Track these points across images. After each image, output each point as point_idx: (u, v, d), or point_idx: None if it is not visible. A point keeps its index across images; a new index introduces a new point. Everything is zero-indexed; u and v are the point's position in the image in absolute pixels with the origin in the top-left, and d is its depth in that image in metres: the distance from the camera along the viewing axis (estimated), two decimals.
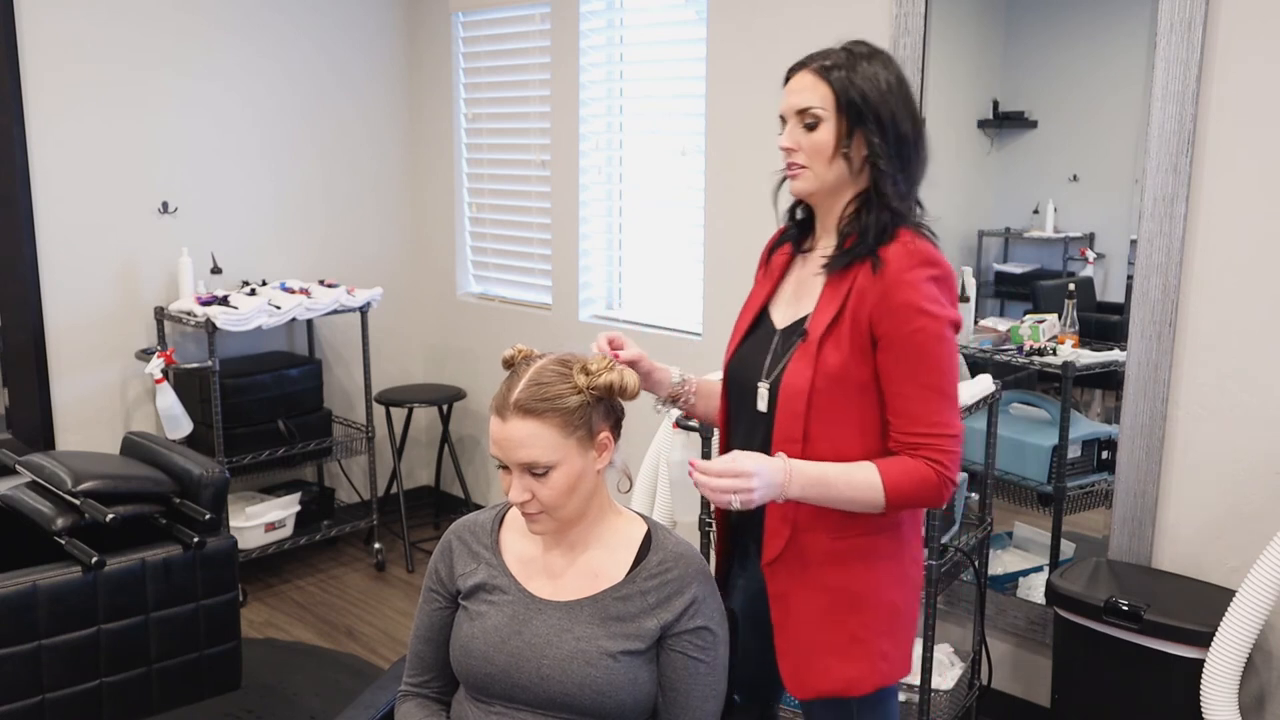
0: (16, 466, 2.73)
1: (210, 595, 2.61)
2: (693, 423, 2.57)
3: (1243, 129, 2.33)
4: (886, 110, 1.60)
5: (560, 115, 3.82)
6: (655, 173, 3.68)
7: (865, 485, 1.55)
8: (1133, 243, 2.53)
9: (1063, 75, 2.77)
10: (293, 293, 3.76)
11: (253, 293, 3.73)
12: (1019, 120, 2.84)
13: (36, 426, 3.56)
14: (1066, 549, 2.85)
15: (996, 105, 2.88)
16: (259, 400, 3.74)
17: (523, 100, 4.03)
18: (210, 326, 3.47)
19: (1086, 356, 2.74)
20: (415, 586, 3.85)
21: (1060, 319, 2.78)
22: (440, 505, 4.55)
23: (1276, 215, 2.31)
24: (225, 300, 3.61)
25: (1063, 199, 2.82)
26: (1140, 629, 2.28)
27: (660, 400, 1.80)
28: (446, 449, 4.28)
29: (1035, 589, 2.86)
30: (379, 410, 4.17)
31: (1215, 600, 2.28)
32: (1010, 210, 2.91)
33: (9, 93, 3.35)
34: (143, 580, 2.49)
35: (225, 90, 3.83)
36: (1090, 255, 2.79)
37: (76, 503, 2.48)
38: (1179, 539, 2.53)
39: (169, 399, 3.50)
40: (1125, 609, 2.29)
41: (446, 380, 4.45)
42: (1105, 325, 2.73)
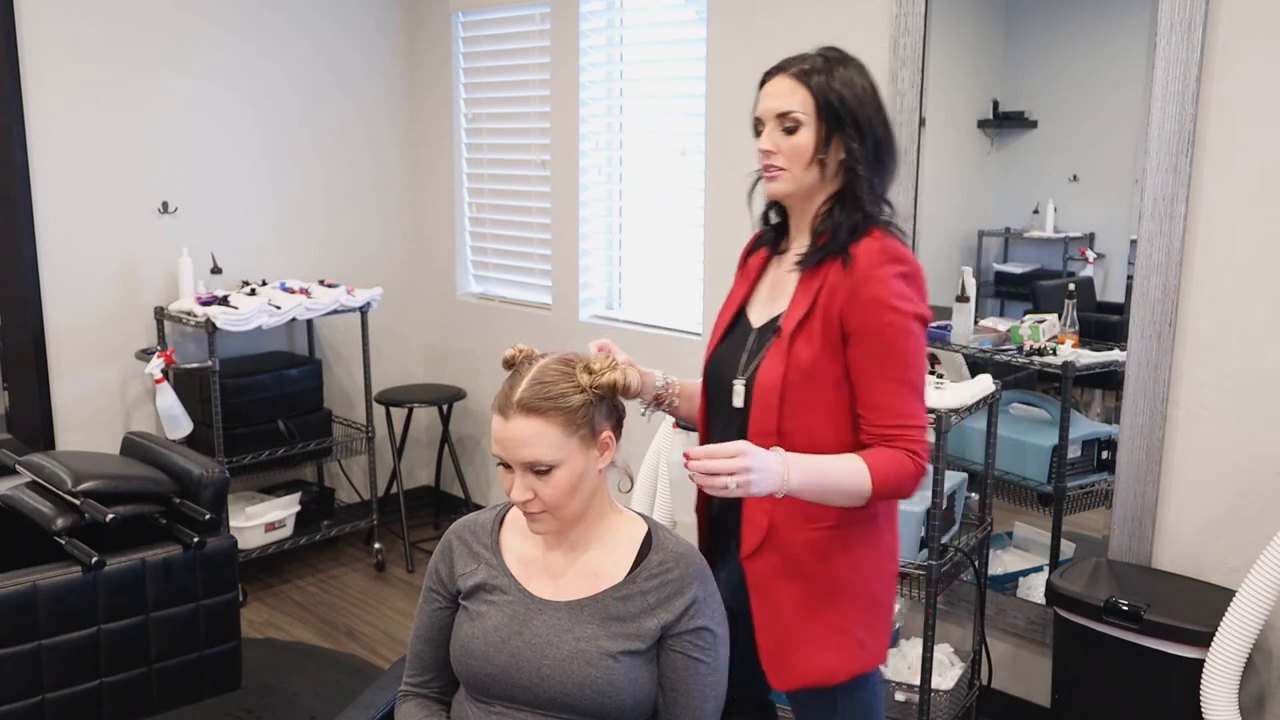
0: (16, 466, 2.73)
1: (210, 595, 2.61)
2: None
3: (1243, 129, 2.33)
4: (864, 115, 1.66)
5: (560, 115, 3.82)
6: (655, 173, 3.68)
7: (856, 475, 1.58)
8: (1133, 243, 2.53)
9: (1063, 75, 2.77)
10: (293, 293, 3.76)
11: (253, 293, 3.73)
12: (1019, 120, 2.84)
13: (36, 426, 3.56)
14: (1066, 549, 2.85)
15: (996, 105, 2.88)
16: (259, 400, 3.74)
17: (523, 100, 4.03)
18: (210, 326, 3.47)
19: (1086, 356, 2.74)
20: (415, 586, 3.85)
21: (1060, 319, 2.77)
22: (440, 505, 4.55)
23: (1276, 215, 2.31)
24: (225, 300, 3.61)
25: (1063, 199, 2.82)
26: (1140, 629, 2.28)
27: (645, 404, 1.83)
28: (446, 449, 4.28)
29: (1035, 589, 2.86)
30: (379, 410, 4.17)
31: (1215, 600, 2.28)
32: (1010, 210, 2.91)
33: (9, 93, 3.35)
34: (143, 580, 2.49)
35: (225, 90, 3.83)
36: (1090, 255, 2.79)
37: (76, 503, 2.48)
38: (1179, 539, 2.53)
39: (169, 399, 3.50)
40: (1125, 609, 2.29)
41: (446, 380, 4.45)
42: (1105, 325, 2.73)
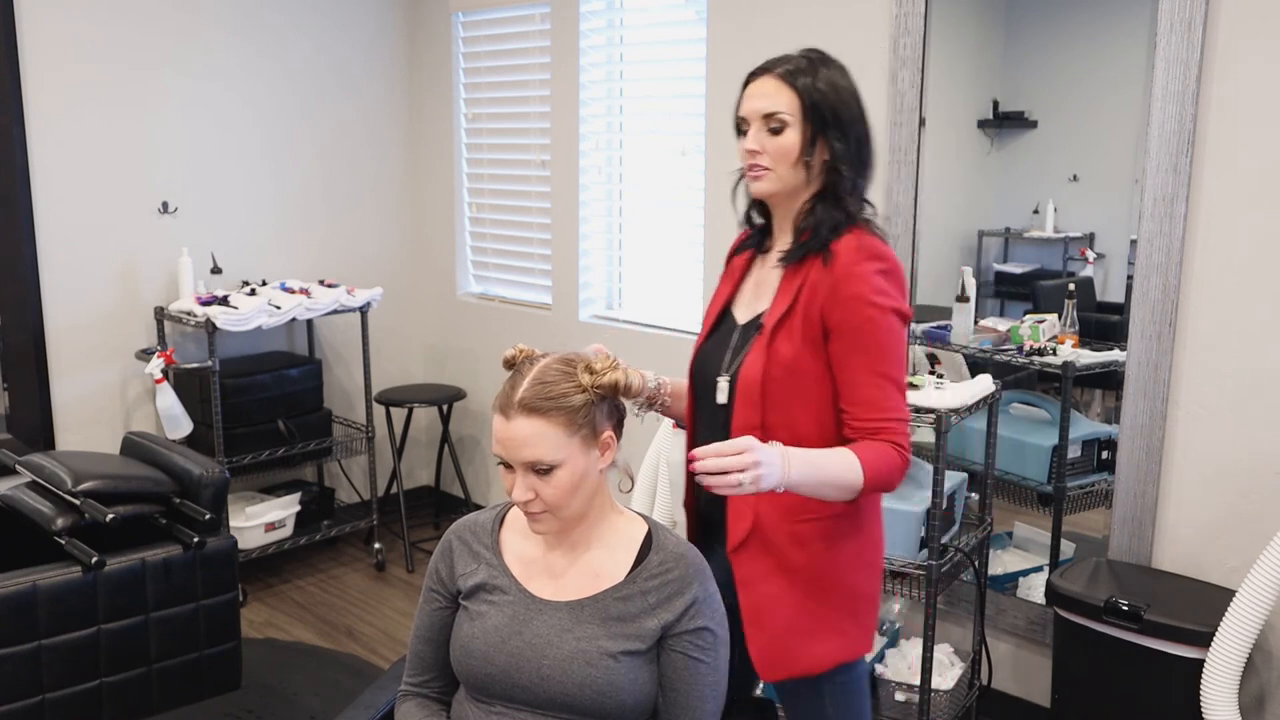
0: (16, 466, 2.73)
1: (210, 595, 2.61)
2: None
3: (1243, 129, 2.33)
4: (847, 115, 1.70)
5: (560, 115, 3.82)
6: (655, 173, 3.68)
7: (849, 468, 1.60)
8: (1133, 243, 2.53)
9: (1063, 75, 2.77)
10: (293, 293, 3.76)
11: (253, 293, 3.73)
12: (1019, 120, 2.84)
13: (36, 426, 3.56)
14: (1066, 549, 2.85)
15: (996, 105, 2.88)
16: (259, 400, 3.74)
17: (523, 100, 4.03)
18: (210, 326, 3.47)
19: (1086, 356, 2.74)
20: (415, 586, 3.85)
21: (1060, 319, 2.77)
22: (440, 505, 4.55)
23: (1276, 215, 2.31)
24: (225, 300, 3.61)
25: (1063, 199, 2.82)
26: (1140, 629, 2.28)
27: (638, 404, 1.83)
28: (446, 449, 4.28)
29: (1035, 589, 2.86)
30: (379, 410, 4.17)
31: (1215, 600, 2.28)
32: (1010, 210, 2.91)
33: (9, 93, 3.35)
34: (143, 580, 2.49)
35: (225, 90, 3.83)
36: (1090, 255, 2.79)
37: (76, 503, 2.48)
38: (1179, 539, 2.53)
39: (169, 399, 3.50)
40: (1125, 609, 2.30)
41: (446, 380, 4.45)
42: (1105, 325, 2.73)
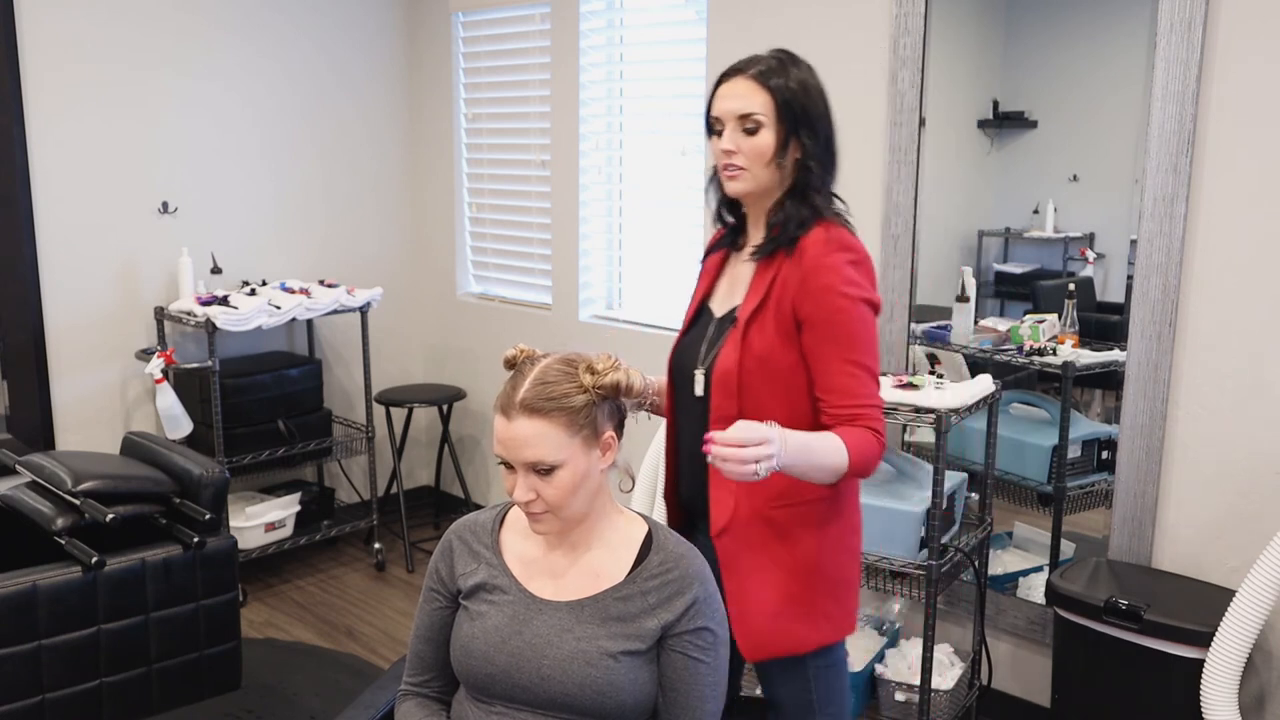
0: (16, 466, 2.73)
1: (210, 595, 2.61)
2: None
3: (1243, 129, 2.33)
4: (816, 113, 1.75)
5: (560, 115, 3.82)
6: (655, 173, 3.68)
7: (836, 452, 1.64)
8: (1133, 243, 2.53)
9: (1063, 75, 2.77)
10: (293, 293, 3.76)
11: (253, 293, 3.73)
12: (1019, 120, 2.84)
13: (36, 426, 3.56)
14: (1066, 549, 2.85)
15: (996, 105, 2.88)
16: (259, 400, 3.74)
17: (523, 100, 4.03)
18: (210, 326, 3.47)
19: (1086, 356, 2.74)
20: (415, 586, 3.85)
21: (1060, 319, 2.78)
22: (440, 505, 4.55)
23: (1276, 215, 2.31)
24: (225, 300, 3.61)
25: (1063, 199, 2.82)
26: (1140, 629, 2.28)
27: (631, 404, 1.84)
28: (446, 449, 4.28)
29: (1035, 589, 2.86)
30: (379, 410, 4.17)
31: (1215, 600, 2.28)
32: (1010, 210, 2.91)
33: (9, 93, 3.35)
34: (143, 580, 2.49)
35: (225, 90, 3.83)
36: (1090, 255, 2.79)
37: (76, 503, 2.48)
38: (1179, 539, 2.53)
39: (169, 399, 3.50)
40: (1125, 609, 2.30)
41: (446, 380, 4.45)
42: (1105, 325, 2.73)
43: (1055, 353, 2.76)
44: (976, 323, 2.91)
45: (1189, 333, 2.45)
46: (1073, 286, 2.78)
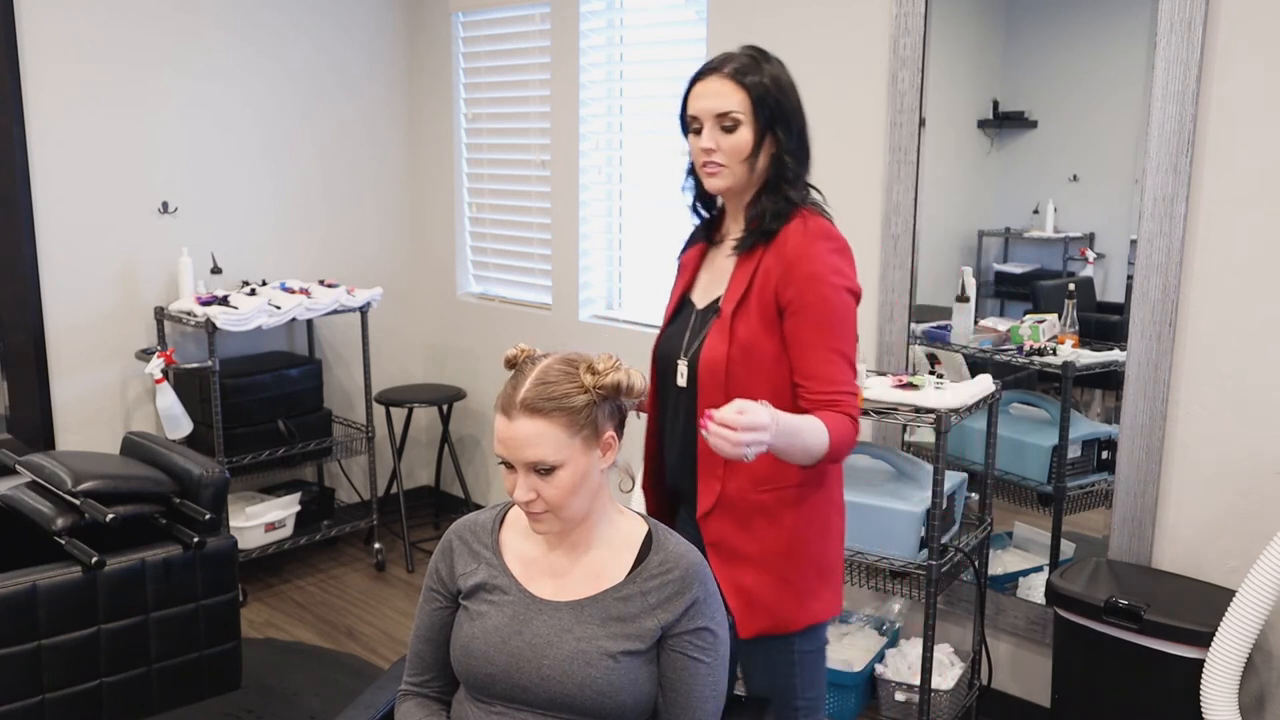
0: (16, 466, 2.73)
1: (210, 595, 2.61)
2: None
3: (1243, 129, 2.33)
4: (789, 108, 1.80)
5: (560, 115, 3.82)
6: (655, 173, 3.68)
7: (818, 434, 1.69)
8: (1133, 243, 2.53)
9: (1063, 75, 2.77)
10: (293, 293, 3.76)
11: (253, 293, 3.73)
12: (1019, 120, 2.84)
13: (36, 426, 3.56)
14: (1066, 549, 2.85)
15: (996, 105, 2.88)
16: (259, 400, 3.74)
17: (523, 100, 4.03)
18: (210, 326, 3.47)
19: (1086, 356, 2.74)
20: (415, 586, 3.85)
21: (1060, 319, 2.78)
22: (440, 505, 4.55)
23: (1276, 215, 2.31)
24: (225, 300, 3.61)
25: (1063, 199, 2.82)
26: (1140, 629, 2.28)
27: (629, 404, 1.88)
28: (446, 449, 4.28)
29: (1035, 589, 2.86)
30: (379, 410, 4.17)
31: (1215, 600, 2.28)
32: (1010, 210, 2.91)
33: (9, 93, 3.35)
34: (143, 580, 2.49)
35: (225, 90, 3.83)
36: (1090, 255, 2.79)
37: (76, 503, 2.48)
38: (1179, 539, 2.53)
39: (169, 399, 3.50)
40: (1125, 609, 2.30)
41: (446, 380, 4.45)
42: (1105, 325, 2.73)
43: (1055, 353, 2.76)
44: (976, 323, 2.91)
45: (1189, 333, 2.45)
46: (1073, 286, 2.78)
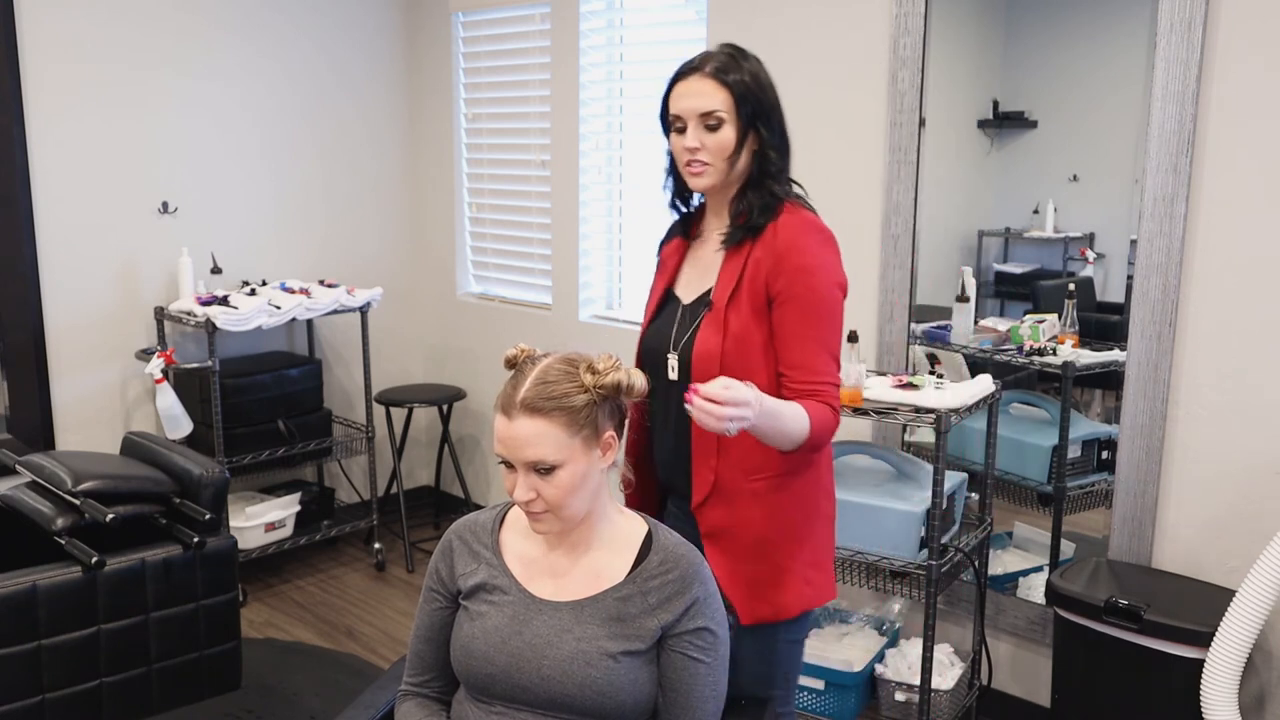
0: (16, 466, 2.73)
1: (210, 595, 2.61)
2: None
3: (1243, 129, 2.33)
4: (769, 104, 1.83)
5: (560, 115, 3.82)
6: (655, 173, 3.67)
7: (800, 420, 1.73)
8: (1133, 243, 2.53)
9: (1063, 75, 2.77)
10: (293, 293, 3.76)
11: (253, 293, 3.73)
12: (1019, 120, 2.84)
13: (36, 426, 3.56)
14: (1066, 549, 2.85)
15: (996, 105, 2.88)
16: (259, 400, 3.74)
17: (523, 100, 4.03)
18: (210, 326, 3.47)
19: (1086, 356, 2.74)
20: (415, 586, 3.85)
21: (1060, 319, 2.78)
22: (440, 505, 4.55)
23: (1276, 215, 2.31)
24: (225, 300, 3.61)
25: (1063, 199, 2.82)
26: (1140, 629, 2.28)
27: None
28: (446, 449, 4.28)
29: (1035, 589, 2.86)
30: (379, 410, 4.17)
31: (1215, 600, 2.28)
32: (1010, 210, 2.91)
33: (9, 93, 3.35)
34: (143, 580, 2.49)
35: (225, 90, 3.83)
36: (1090, 255, 2.79)
37: (76, 503, 2.48)
38: (1179, 539, 2.53)
39: (169, 399, 3.50)
40: (1125, 609, 2.30)
41: (446, 380, 4.45)
42: (1105, 325, 2.73)
43: (1055, 353, 2.76)
44: (976, 323, 2.91)
45: (1189, 333, 2.45)
46: (1073, 286, 2.78)
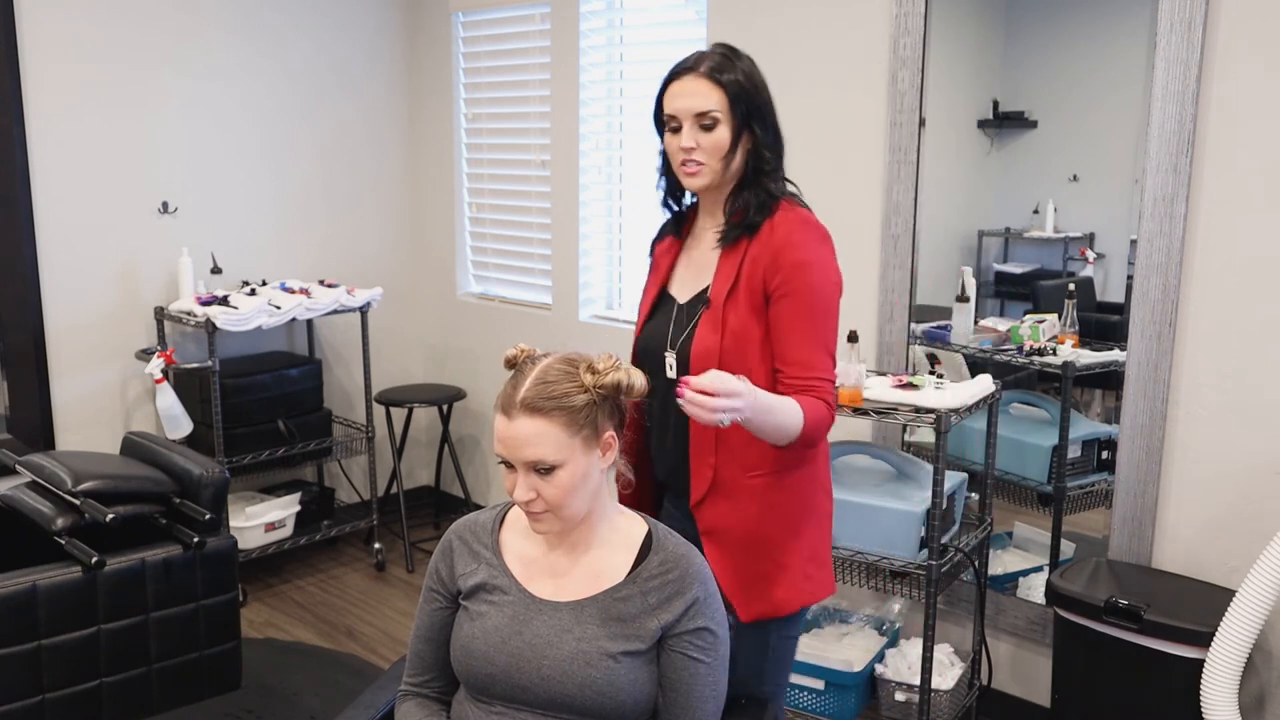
0: (16, 466, 2.73)
1: (210, 595, 2.61)
2: None
3: (1243, 129, 2.33)
4: (762, 103, 1.84)
5: (560, 115, 3.82)
6: (655, 173, 3.67)
7: (794, 414, 1.73)
8: (1133, 243, 2.53)
9: (1063, 75, 2.77)
10: (293, 293, 3.76)
11: (253, 293, 3.73)
12: (1019, 120, 2.84)
13: (36, 426, 3.56)
14: (1066, 549, 2.85)
15: (996, 105, 2.88)
16: (259, 400, 3.74)
17: (523, 100, 4.03)
18: (210, 326, 3.47)
19: (1086, 356, 2.74)
20: (415, 586, 3.85)
21: (1060, 319, 2.78)
22: (440, 505, 4.55)
23: (1276, 215, 2.31)
24: (225, 300, 3.61)
25: (1063, 199, 2.82)
26: (1140, 629, 2.28)
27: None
28: (446, 449, 4.28)
29: (1035, 589, 2.86)
30: (379, 410, 4.17)
31: (1215, 600, 2.28)
32: (1010, 210, 2.91)
33: (9, 93, 3.35)
34: (143, 580, 2.49)
35: (225, 90, 3.83)
36: (1090, 255, 2.79)
37: (76, 503, 2.48)
38: (1179, 539, 2.53)
39: (169, 399, 3.50)
40: (1125, 609, 2.30)
41: (446, 380, 4.45)
42: (1105, 325, 2.73)
43: (1055, 353, 2.76)
44: (976, 323, 2.91)
45: (1189, 333, 2.45)
46: (1073, 286, 2.78)
